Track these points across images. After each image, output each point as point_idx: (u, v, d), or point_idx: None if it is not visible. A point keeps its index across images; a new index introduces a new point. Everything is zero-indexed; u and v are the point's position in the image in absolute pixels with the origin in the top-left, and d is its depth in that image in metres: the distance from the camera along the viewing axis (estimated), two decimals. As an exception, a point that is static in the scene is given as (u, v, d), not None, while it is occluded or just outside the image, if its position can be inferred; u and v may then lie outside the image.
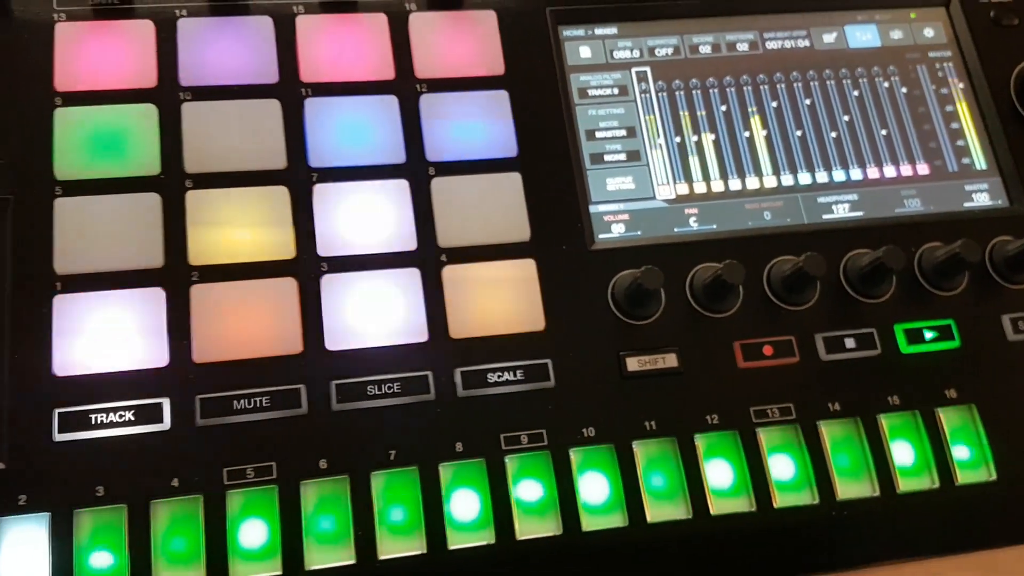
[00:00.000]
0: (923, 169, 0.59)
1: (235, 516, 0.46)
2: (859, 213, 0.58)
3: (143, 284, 0.49)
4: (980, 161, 0.60)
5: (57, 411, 0.46)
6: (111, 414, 0.46)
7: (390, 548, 0.47)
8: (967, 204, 0.59)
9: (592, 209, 0.55)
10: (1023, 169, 0.59)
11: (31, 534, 0.44)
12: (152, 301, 0.49)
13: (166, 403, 0.47)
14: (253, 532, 0.46)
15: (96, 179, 0.50)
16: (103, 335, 0.48)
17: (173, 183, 0.51)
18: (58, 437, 0.46)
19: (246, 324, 0.49)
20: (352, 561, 0.46)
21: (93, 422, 0.46)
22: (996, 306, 0.56)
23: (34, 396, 0.46)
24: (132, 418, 0.46)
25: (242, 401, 0.48)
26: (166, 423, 0.47)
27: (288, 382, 0.48)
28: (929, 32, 0.63)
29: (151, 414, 0.47)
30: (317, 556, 0.46)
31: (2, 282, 0.48)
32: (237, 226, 0.51)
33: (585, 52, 0.59)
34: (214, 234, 0.51)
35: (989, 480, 0.52)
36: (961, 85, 0.62)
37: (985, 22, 0.63)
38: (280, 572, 0.45)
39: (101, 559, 0.44)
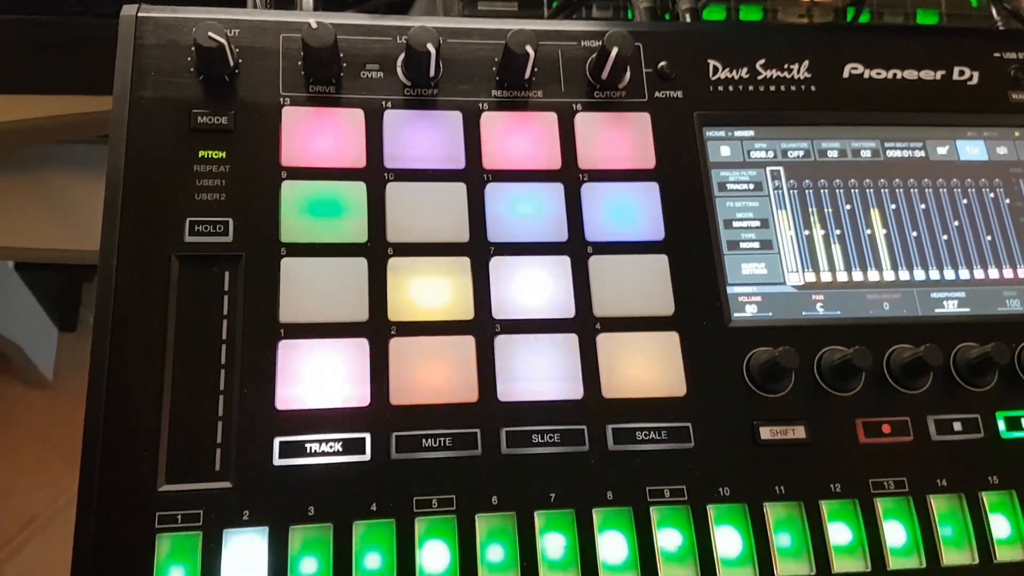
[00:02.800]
0: (1023, 272, 0.66)
1: (421, 539, 0.53)
2: (966, 309, 0.64)
3: (351, 335, 0.57)
4: (1079, 268, 0.66)
5: (277, 440, 0.54)
6: (323, 444, 0.55)
7: (549, 578, 0.54)
8: (1066, 306, 0.65)
9: (729, 290, 0.63)
10: (1119, 278, 0.66)
11: (252, 544, 0.52)
12: (358, 350, 0.57)
13: (368, 437, 0.55)
14: (434, 555, 0.53)
15: (314, 243, 0.59)
16: (317, 377, 0.56)
17: (378, 250, 0.60)
18: (278, 462, 0.54)
19: (433, 374, 0.57)
20: (519, 585, 0.53)
21: (308, 451, 0.54)
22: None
23: (259, 426, 0.54)
24: (340, 449, 0.55)
25: (429, 440, 0.56)
26: (367, 455, 0.55)
27: (466, 426, 0.56)
28: (1034, 149, 0.70)
29: (355, 447, 0.55)
30: (489, 580, 0.53)
31: (234, 326, 0.57)
32: (428, 290, 0.59)
33: (725, 151, 0.67)
34: (409, 295, 0.59)
35: (1083, 558, 0.58)
36: (1062, 198, 0.68)
37: (1085, 143, 0.70)
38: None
39: (309, 568, 0.52)
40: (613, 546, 0.55)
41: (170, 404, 0.54)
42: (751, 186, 0.66)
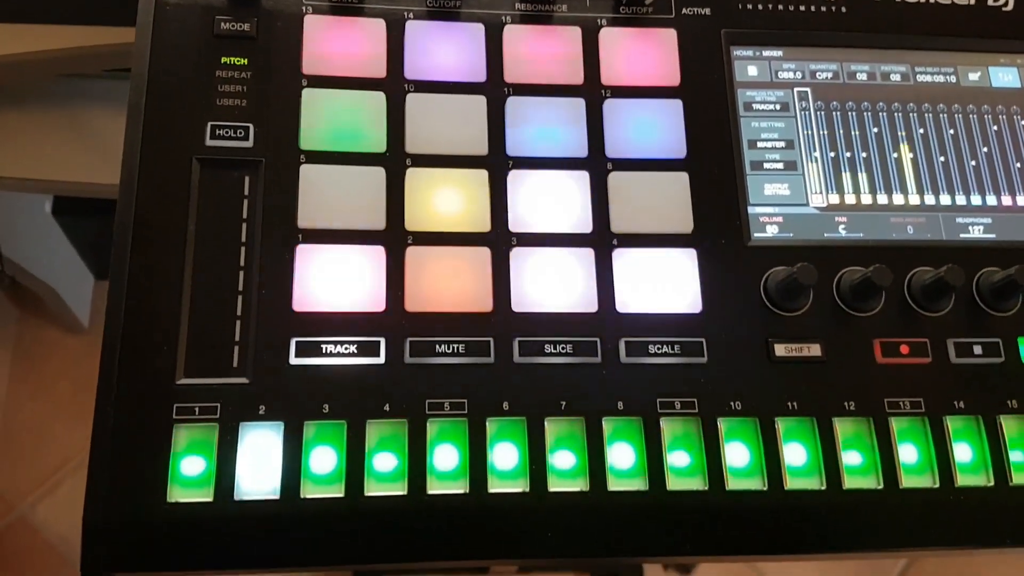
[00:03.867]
0: (1056, 201, 0.65)
1: (432, 441, 0.54)
2: (992, 235, 0.63)
3: (368, 242, 0.58)
4: (1111, 198, 0.65)
5: (294, 340, 0.55)
6: (338, 346, 0.55)
7: (556, 484, 0.54)
8: (1095, 236, 0.64)
9: (750, 210, 0.62)
10: None
11: (267, 439, 0.53)
12: (375, 257, 0.58)
13: (383, 341, 0.56)
14: (445, 456, 0.54)
15: (333, 151, 0.60)
16: (334, 281, 0.57)
17: (396, 160, 0.60)
18: (294, 361, 0.55)
19: (448, 283, 0.58)
20: (526, 490, 0.54)
21: (323, 351, 0.55)
22: (1116, 329, 0.60)
23: (276, 327, 0.55)
24: (355, 351, 0.55)
25: (442, 346, 0.56)
26: (381, 358, 0.55)
27: (479, 334, 0.57)
28: (1071, 76, 0.68)
29: (370, 349, 0.55)
30: (498, 483, 0.54)
31: (253, 230, 0.57)
32: (445, 201, 0.59)
33: (752, 70, 0.66)
34: (426, 206, 0.59)
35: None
36: (1097, 127, 0.67)
37: (1126, 70, 0.68)
38: (467, 490, 0.53)
39: (322, 463, 0.53)
40: (621, 454, 0.55)
41: (190, 302, 0.55)
42: (777, 107, 0.65)
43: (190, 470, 0.52)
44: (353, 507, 0.52)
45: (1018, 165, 0.65)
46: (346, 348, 0.55)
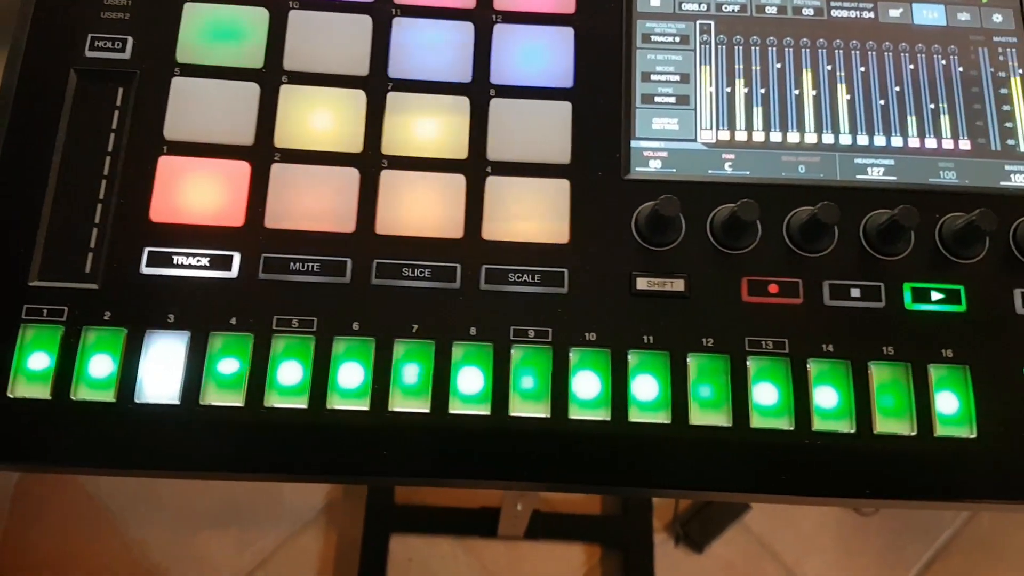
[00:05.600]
0: (964, 144, 0.61)
1: (276, 356, 0.54)
2: (892, 178, 0.60)
3: (234, 157, 0.58)
4: (1026, 144, 0.61)
5: (147, 249, 0.56)
6: (190, 258, 0.56)
7: (399, 404, 0.54)
8: (1003, 183, 0.60)
9: (634, 144, 0.60)
10: (1070, 156, 0.60)
11: (110, 342, 0.54)
12: (239, 172, 0.58)
13: (237, 256, 0.56)
14: (288, 372, 0.54)
15: (209, 65, 0.60)
16: (195, 194, 0.57)
17: (272, 76, 0.60)
18: (144, 270, 0.55)
19: (318, 202, 0.57)
20: (367, 408, 0.54)
21: (174, 262, 0.55)
22: (1012, 280, 0.57)
23: (131, 235, 0.56)
24: (207, 264, 0.55)
25: (298, 264, 0.56)
26: (234, 272, 0.56)
27: (337, 254, 0.56)
28: (998, 17, 0.64)
29: (223, 263, 0.56)
30: (338, 400, 0.54)
31: (120, 140, 0.58)
32: (319, 119, 0.59)
33: (655, 1, 0.64)
34: (298, 123, 0.59)
35: (968, 437, 0.54)
36: (1021, 71, 0.63)
37: (1059, 12, 0.63)
38: (307, 405, 0.53)
39: (160, 371, 0.54)
40: (470, 379, 0.55)
41: (51, 208, 0.56)
42: (677, 39, 0.63)
43: (34, 366, 0.53)
44: (189, 415, 0.53)
45: (931, 106, 0.62)
46: (198, 260, 0.56)
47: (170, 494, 1.41)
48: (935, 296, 0.56)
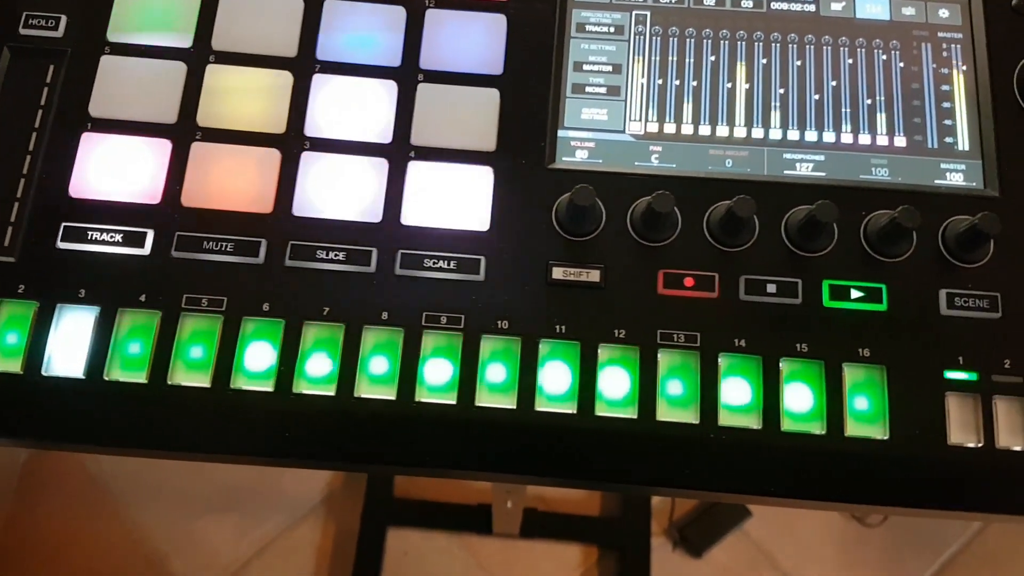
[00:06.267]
0: (900, 141, 0.60)
1: (185, 341, 0.54)
2: (821, 173, 0.59)
3: (156, 135, 0.58)
4: (964, 142, 0.60)
5: (64, 224, 0.56)
6: (105, 234, 0.56)
7: (305, 387, 0.54)
8: (938, 181, 0.59)
9: (561, 133, 0.60)
10: (1005, 157, 0.59)
11: (21, 315, 0.54)
12: (160, 150, 0.58)
13: (151, 233, 0.56)
14: (197, 353, 0.54)
15: (139, 44, 0.60)
16: (115, 171, 0.57)
17: (200, 56, 0.60)
18: (60, 245, 0.55)
19: (231, 181, 0.57)
20: (271, 389, 0.53)
21: (89, 237, 0.56)
22: (937, 280, 0.56)
23: (50, 211, 0.56)
24: (121, 240, 0.56)
25: (211, 243, 0.56)
26: (147, 249, 0.56)
27: (253, 234, 0.56)
28: (944, 12, 0.63)
29: (137, 240, 0.56)
30: (243, 381, 0.54)
31: (47, 117, 0.58)
32: (243, 100, 0.59)
33: (591, -9, 0.63)
34: (222, 104, 0.59)
35: (881, 439, 0.53)
36: (964, 67, 0.61)
37: (1004, 10, 0.62)
38: (209, 384, 0.53)
39: (69, 345, 0.54)
40: (379, 364, 0.55)
41: (-26, 182, 0.57)
42: (612, 29, 0.62)
43: (-60, 337, 0.54)
44: (94, 389, 0.53)
45: (868, 102, 0.61)
46: (112, 236, 0.56)
47: (171, 479, 1.42)
48: (855, 294, 0.55)
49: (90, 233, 0.56)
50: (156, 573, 1.37)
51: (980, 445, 0.53)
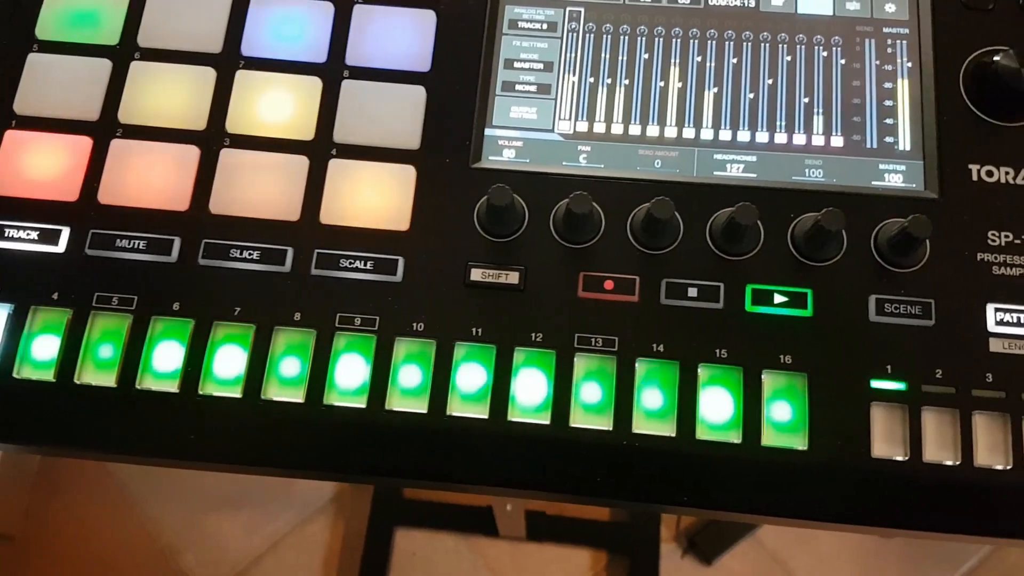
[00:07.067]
0: (837, 142, 0.58)
1: (96, 340, 0.54)
2: (752, 175, 0.57)
3: (76, 132, 0.58)
4: (905, 142, 0.57)
5: (-23, 223, 0.56)
6: (21, 231, 0.55)
7: (212, 389, 0.53)
8: (875, 182, 0.57)
9: (488, 132, 0.59)
10: (947, 157, 0.57)
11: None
12: (80, 147, 0.57)
13: (66, 231, 0.56)
14: (105, 350, 0.54)
15: (66, 42, 0.60)
16: (35, 168, 0.57)
17: (125, 53, 0.59)
18: (-30, 243, 0.55)
19: (149, 179, 0.57)
20: (176, 390, 0.53)
21: (5, 235, 0.55)
22: (868, 285, 0.54)
23: (-31, 208, 0.56)
24: (36, 237, 0.55)
25: (124, 241, 0.55)
26: (61, 247, 0.55)
27: (167, 232, 0.56)
28: (891, 7, 0.61)
29: (51, 237, 0.55)
30: (151, 381, 0.53)
31: (-29, 113, 0.58)
32: (165, 96, 0.58)
33: (525, -14, 0.62)
34: (145, 100, 0.58)
35: (799, 449, 0.51)
36: (909, 64, 0.59)
37: (953, 4, 0.60)
38: (115, 384, 0.53)
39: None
40: (290, 366, 0.54)
41: (-102, 183, 0.57)
42: (544, 26, 0.61)
43: None
44: (2, 389, 0.53)
45: (806, 100, 0.59)
46: (28, 234, 0.55)
47: (185, 474, 1.42)
48: (778, 299, 0.53)
49: (6, 230, 0.55)
50: (168, 567, 1.39)
51: (906, 459, 0.51)
